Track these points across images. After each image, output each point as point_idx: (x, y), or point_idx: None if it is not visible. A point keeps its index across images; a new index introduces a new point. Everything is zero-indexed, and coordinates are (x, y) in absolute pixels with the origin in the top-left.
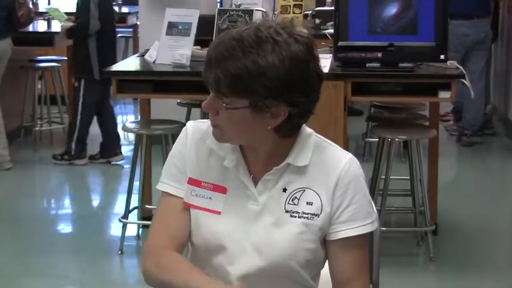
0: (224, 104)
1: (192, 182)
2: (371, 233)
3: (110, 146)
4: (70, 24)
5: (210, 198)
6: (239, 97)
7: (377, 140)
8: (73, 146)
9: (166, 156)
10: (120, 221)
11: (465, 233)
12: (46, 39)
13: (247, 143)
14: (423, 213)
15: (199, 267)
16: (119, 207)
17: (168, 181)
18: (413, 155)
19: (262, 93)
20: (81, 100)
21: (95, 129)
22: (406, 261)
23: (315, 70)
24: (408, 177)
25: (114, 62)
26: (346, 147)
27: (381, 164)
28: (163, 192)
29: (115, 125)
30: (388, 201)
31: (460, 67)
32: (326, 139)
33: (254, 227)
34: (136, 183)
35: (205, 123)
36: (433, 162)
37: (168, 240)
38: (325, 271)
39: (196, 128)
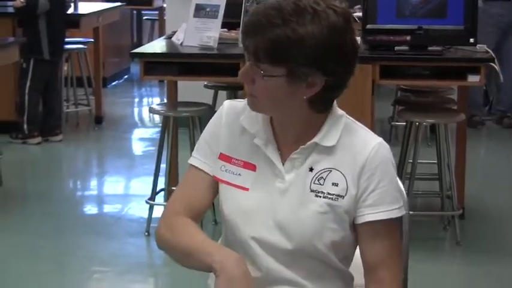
0: (261, 71)
1: (223, 157)
2: (401, 219)
3: (52, 125)
4: (21, 3)
5: (239, 174)
6: (277, 65)
7: (403, 123)
8: (25, 126)
9: (193, 139)
10: (146, 202)
11: (492, 217)
12: (72, 21)
13: (280, 114)
14: (450, 197)
15: (230, 242)
16: (146, 190)
17: (197, 155)
18: (441, 139)
19: (299, 60)
20: (29, 81)
21: None
22: (433, 245)
23: (352, 42)
24: (435, 161)
25: (64, 42)
26: (372, 131)
27: (408, 148)
28: (190, 164)
29: (60, 105)
30: (415, 185)
31: (490, 51)
32: (357, 122)
33: (279, 205)
34: (163, 166)
35: (242, 102)
36: (461, 146)
37: (184, 208)
38: (358, 254)
39: (232, 106)
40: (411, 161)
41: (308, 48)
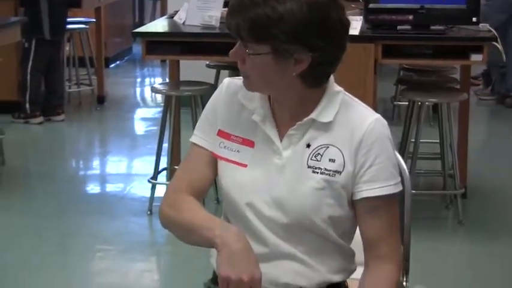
0: (247, 50)
1: (221, 134)
2: (401, 195)
3: (54, 104)
4: None
5: (238, 151)
6: (260, 43)
7: (406, 103)
8: (27, 106)
9: (195, 118)
10: (149, 181)
11: (495, 196)
12: (74, 1)
13: (275, 92)
14: (453, 176)
15: (230, 218)
16: (148, 169)
17: (198, 132)
18: (443, 118)
19: (281, 38)
20: (31, 61)
21: None
22: (435, 224)
23: (338, 17)
24: (437, 141)
25: (65, 22)
26: (374, 111)
27: (411, 127)
28: (192, 142)
29: (62, 85)
30: (417, 164)
31: (492, 30)
32: (355, 98)
33: (277, 181)
34: (165, 145)
35: (241, 80)
36: (463, 126)
37: (186, 186)
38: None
39: (232, 83)
40: (413, 140)
41: (288, 25)
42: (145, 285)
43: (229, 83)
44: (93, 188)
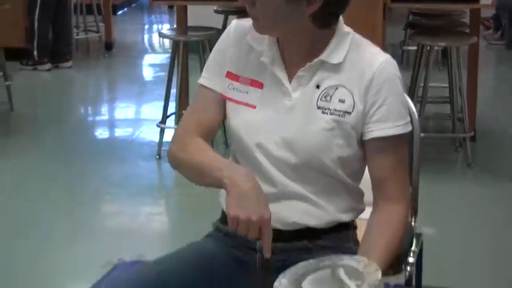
0: None
1: (230, 76)
2: (410, 136)
3: (62, 51)
4: None
5: (246, 92)
6: None
7: (415, 47)
8: (35, 52)
9: (203, 63)
10: (157, 126)
11: (503, 139)
12: None
13: (285, 34)
14: (462, 119)
15: (239, 159)
16: (156, 114)
17: (206, 74)
18: (452, 63)
19: None
20: (38, 8)
21: None
22: (444, 167)
23: None
24: (446, 85)
25: None
26: None
27: (420, 71)
28: (200, 84)
29: (70, 32)
30: (426, 108)
31: None
32: (364, 39)
33: (286, 122)
34: (173, 91)
35: (250, 21)
36: (473, 69)
37: (195, 128)
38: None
39: (240, 25)
40: (422, 85)
41: None
42: (154, 228)
43: (237, 25)
44: (101, 133)
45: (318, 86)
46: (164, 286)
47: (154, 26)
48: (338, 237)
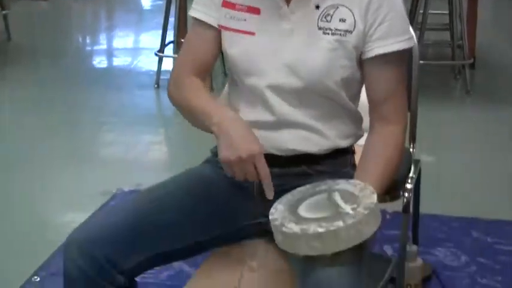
0: None
1: (226, 4)
2: (409, 60)
3: None
4: None
5: (244, 20)
6: None
7: None
8: None
9: None
10: (156, 54)
11: (503, 66)
12: None
13: None
14: (461, 47)
15: (237, 91)
16: (155, 43)
17: (198, 6)
18: None
19: None
20: None
21: None
22: (443, 94)
23: None
24: (446, 12)
25: None
26: None
27: None
28: (193, 18)
29: None
30: (426, 35)
31: None
32: None
33: (288, 46)
34: (172, 19)
35: None
36: None
37: (190, 66)
38: (363, 94)
39: None
40: (422, 11)
41: None
42: (153, 157)
43: None
44: (100, 62)
45: (317, 7)
46: (162, 212)
47: None
48: (336, 162)
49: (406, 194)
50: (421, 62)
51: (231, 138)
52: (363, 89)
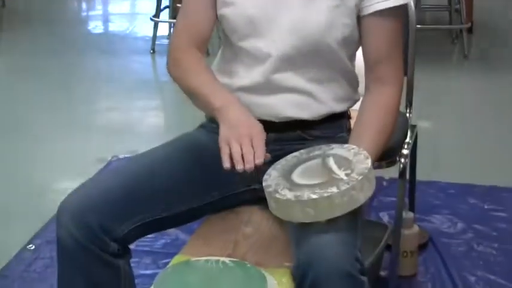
0: None
1: None
2: (406, 19)
3: None
4: None
5: None
6: None
7: None
8: None
9: None
10: (151, 19)
11: (500, 31)
12: None
13: None
14: (459, 11)
15: (232, 55)
16: (150, 8)
17: None
18: None
19: None
20: None
21: None
22: (441, 58)
23: None
24: None
25: None
26: None
27: None
28: None
29: None
30: (423, 0)
31: None
32: None
33: (289, 5)
34: None
35: None
36: None
37: (189, 36)
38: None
39: None
40: None
41: None
42: (149, 122)
43: None
44: (95, 28)
45: None
46: (155, 177)
47: None
48: (332, 127)
49: (402, 160)
50: (418, 26)
51: (232, 121)
52: (359, 53)
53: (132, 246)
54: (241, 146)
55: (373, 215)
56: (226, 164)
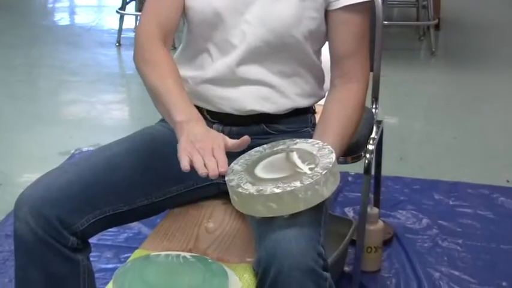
0: None
1: None
2: (373, 15)
3: None
4: None
5: None
6: None
7: None
8: None
9: None
10: (117, 12)
11: (467, 28)
12: None
13: None
14: (426, 7)
15: (196, 46)
16: (116, 0)
17: None
18: None
19: None
20: None
21: None
22: (408, 55)
23: None
24: None
25: None
26: None
27: None
28: None
29: None
30: None
31: None
32: None
33: None
34: None
35: None
36: None
37: (157, 26)
38: (325, 52)
39: None
40: None
41: None
42: (114, 115)
43: None
44: (61, 20)
45: None
46: (115, 170)
47: None
48: (296, 122)
49: (368, 155)
50: (385, 22)
51: (192, 136)
52: (325, 50)
53: (93, 240)
54: (203, 157)
55: (338, 211)
56: (187, 167)
